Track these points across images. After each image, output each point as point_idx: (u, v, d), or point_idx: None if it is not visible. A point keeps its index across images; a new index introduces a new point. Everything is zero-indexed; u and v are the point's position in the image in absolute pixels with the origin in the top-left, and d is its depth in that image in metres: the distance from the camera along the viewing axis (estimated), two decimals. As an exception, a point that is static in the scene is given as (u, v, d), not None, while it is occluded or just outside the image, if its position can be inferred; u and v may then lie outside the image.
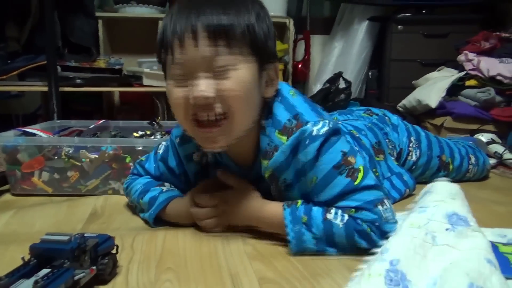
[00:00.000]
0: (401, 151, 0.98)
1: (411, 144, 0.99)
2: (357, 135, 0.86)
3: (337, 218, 0.59)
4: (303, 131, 0.61)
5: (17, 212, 0.84)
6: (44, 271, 0.48)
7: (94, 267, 0.51)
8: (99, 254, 0.53)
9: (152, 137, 1.12)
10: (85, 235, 0.53)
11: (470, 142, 1.15)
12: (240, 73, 0.58)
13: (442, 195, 0.58)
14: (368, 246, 0.57)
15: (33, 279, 0.46)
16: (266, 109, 0.65)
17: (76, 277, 0.48)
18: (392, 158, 0.94)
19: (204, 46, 0.57)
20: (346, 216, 0.59)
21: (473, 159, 1.07)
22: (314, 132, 0.61)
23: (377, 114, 1.01)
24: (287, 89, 0.67)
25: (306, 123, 0.61)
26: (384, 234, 0.57)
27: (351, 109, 1.10)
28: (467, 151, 1.07)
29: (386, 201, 0.61)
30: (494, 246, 0.62)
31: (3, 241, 0.67)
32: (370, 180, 0.61)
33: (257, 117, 0.65)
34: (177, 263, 0.59)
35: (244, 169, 0.71)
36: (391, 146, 0.95)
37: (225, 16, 0.57)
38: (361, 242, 0.58)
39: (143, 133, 1.15)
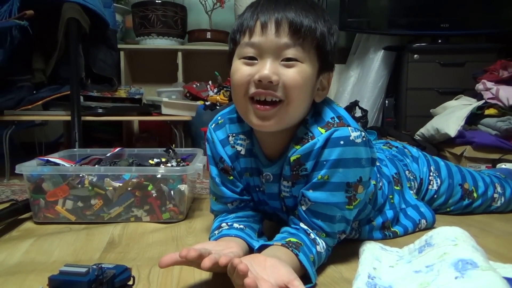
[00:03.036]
0: (421, 181, 0.97)
1: (431, 174, 0.98)
2: (377, 164, 0.87)
3: (322, 248, 0.67)
4: (342, 129, 0.65)
5: (36, 240, 0.85)
6: None
7: None
8: (116, 286, 0.53)
9: (168, 164, 1.14)
10: (103, 266, 0.54)
11: (498, 173, 1.13)
12: (304, 67, 0.64)
13: (444, 246, 0.60)
14: None
15: None
16: (313, 109, 0.70)
17: None
18: (411, 191, 0.93)
19: (283, 35, 0.63)
20: (324, 244, 0.68)
21: (499, 188, 1.05)
22: (351, 137, 0.64)
23: (397, 147, 1.03)
24: (333, 102, 0.74)
25: (348, 125, 0.66)
26: None
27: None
28: (492, 180, 1.05)
29: (345, 233, 0.72)
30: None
31: (23, 270, 0.68)
32: (354, 212, 0.70)
33: (304, 114, 0.69)
34: (193, 296, 0.58)
35: (270, 161, 0.73)
36: (411, 178, 0.95)
37: (306, 18, 0.63)
38: (326, 260, 0.70)
39: (158, 160, 1.17)
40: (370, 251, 0.70)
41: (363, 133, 0.66)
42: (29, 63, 1.66)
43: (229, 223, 0.74)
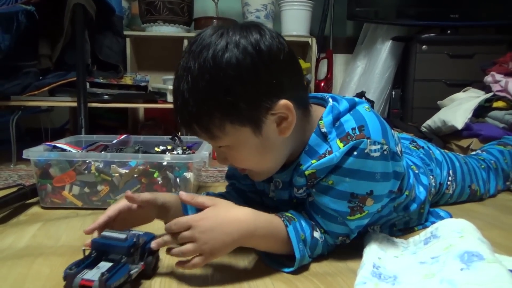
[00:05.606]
0: (440, 186, 0.96)
1: (449, 178, 0.98)
2: (416, 171, 0.85)
3: (319, 237, 0.66)
4: (359, 142, 0.61)
5: (44, 224, 0.86)
6: (103, 263, 0.54)
7: (142, 263, 0.57)
8: (146, 251, 0.58)
9: (174, 151, 1.14)
10: (137, 233, 0.58)
11: (493, 159, 1.14)
12: (236, 148, 0.62)
13: (449, 238, 0.60)
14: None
15: (95, 270, 0.52)
16: (333, 119, 0.65)
17: (131, 272, 0.54)
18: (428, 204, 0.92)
19: (199, 135, 0.62)
20: (323, 236, 0.66)
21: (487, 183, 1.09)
22: (366, 150, 0.61)
23: (423, 147, 0.99)
24: (362, 105, 0.67)
25: (368, 138, 0.61)
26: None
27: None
28: (489, 175, 1.09)
29: (348, 238, 0.68)
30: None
31: (30, 254, 0.69)
32: (359, 223, 0.66)
33: (294, 142, 0.66)
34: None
35: (281, 167, 0.69)
36: (433, 184, 0.93)
37: (195, 108, 0.57)
38: (325, 253, 0.68)
39: (164, 147, 1.17)
40: (375, 241, 0.70)
41: (384, 146, 0.62)
42: (35, 49, 1.65)
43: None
